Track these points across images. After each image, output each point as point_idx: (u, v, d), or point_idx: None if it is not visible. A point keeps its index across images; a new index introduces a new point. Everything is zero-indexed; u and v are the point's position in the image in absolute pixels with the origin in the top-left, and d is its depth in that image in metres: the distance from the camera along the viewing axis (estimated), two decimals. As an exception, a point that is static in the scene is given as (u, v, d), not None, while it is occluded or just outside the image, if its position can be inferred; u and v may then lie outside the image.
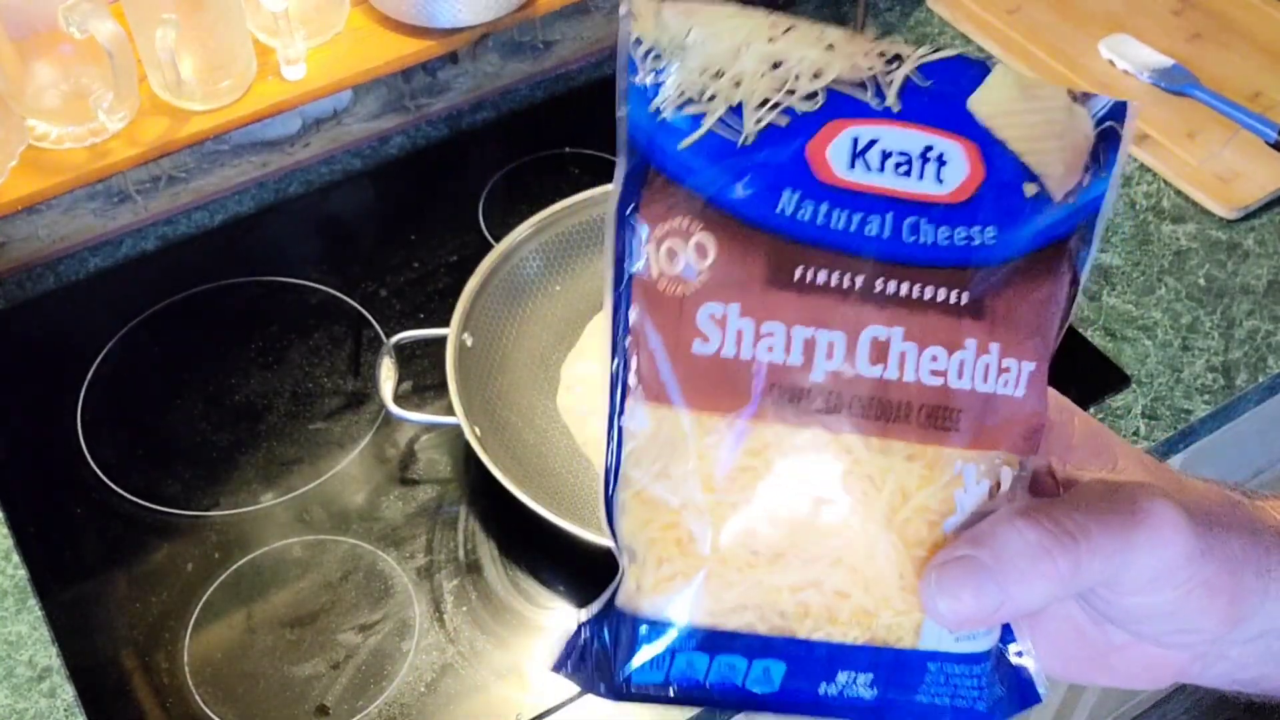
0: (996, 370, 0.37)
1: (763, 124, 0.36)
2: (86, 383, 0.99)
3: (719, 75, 0.36)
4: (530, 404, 0.94)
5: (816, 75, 0.36)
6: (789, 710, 0.38)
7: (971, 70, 0.37)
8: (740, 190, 0.36)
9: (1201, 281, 1.05)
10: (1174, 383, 0.98)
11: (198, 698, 0.81)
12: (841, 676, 0.38)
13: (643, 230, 0.37)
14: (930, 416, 0.37)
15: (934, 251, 0.36)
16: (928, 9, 1.28)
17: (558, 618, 0.85)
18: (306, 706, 0.81)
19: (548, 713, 0.81)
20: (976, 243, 0.37)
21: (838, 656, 0.37)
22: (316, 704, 0.81)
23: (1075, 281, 0.39)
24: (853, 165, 0.36)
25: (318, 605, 0.86)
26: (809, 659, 0.37)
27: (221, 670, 0.83)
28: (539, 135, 1.17)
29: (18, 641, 0.84)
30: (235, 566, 0.88)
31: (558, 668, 0.39)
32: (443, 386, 0.88)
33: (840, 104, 0.36)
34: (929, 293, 0.36)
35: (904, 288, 0.36)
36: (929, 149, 0.36)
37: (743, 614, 0.37)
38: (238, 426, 0.96)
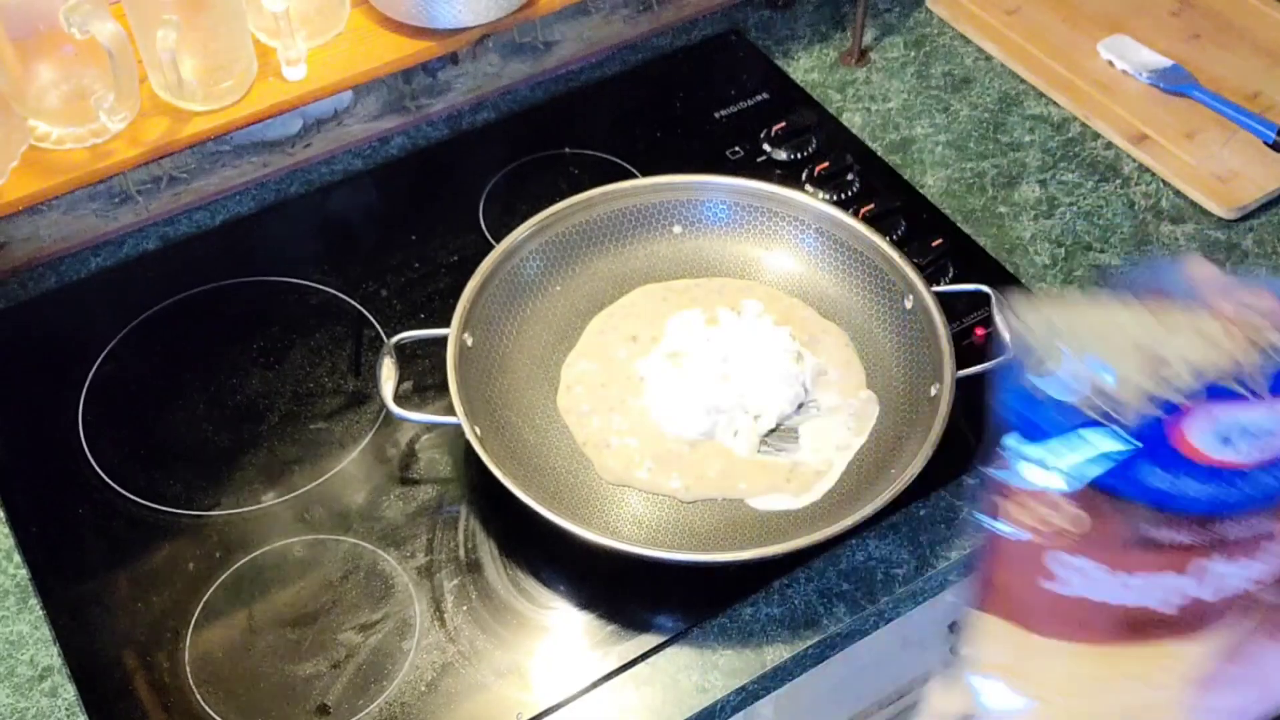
0: None
1: (1139, 416, 0.40)
2: (88, 382, 0.99)
3: (1099, 374, 0.40)
4: (530, 404, 0.95)
5: (1192, 370, 0.40)
6: None
7: None
8: (1106, 467, 0.41)
9: (1201, 281, 1.05)
10: (1173, 383, 0.98)
11: (198, 697, 0.81)
12: None
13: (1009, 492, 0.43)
14: (1235, 609, 0.43)
15: (1263, 499, 0.42)
16: (927, 9, 1.29)
17: (558, 617, 0.85)
18: (307, 706, 0.81)
19: (547, 712, 0.81)
20: None
21: None
22: (317, 703, 0.81)
23: None
24: (1214, 443, 0.40)
25: (318, 605, 0.86)
26: None
27: (222, 670, 0.83)
28: (539, 135, 1.17)
29: (19, 641, 0.84)
30: (236, 566, 0.88)
31: None
32: (443, 386, 0.89)
33: (1210, 392, 0.40)
34: (1250, 526, 0.42)
35: (1232, 529, 0.42)
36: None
37: None
38: (239, 426, 0.96)
